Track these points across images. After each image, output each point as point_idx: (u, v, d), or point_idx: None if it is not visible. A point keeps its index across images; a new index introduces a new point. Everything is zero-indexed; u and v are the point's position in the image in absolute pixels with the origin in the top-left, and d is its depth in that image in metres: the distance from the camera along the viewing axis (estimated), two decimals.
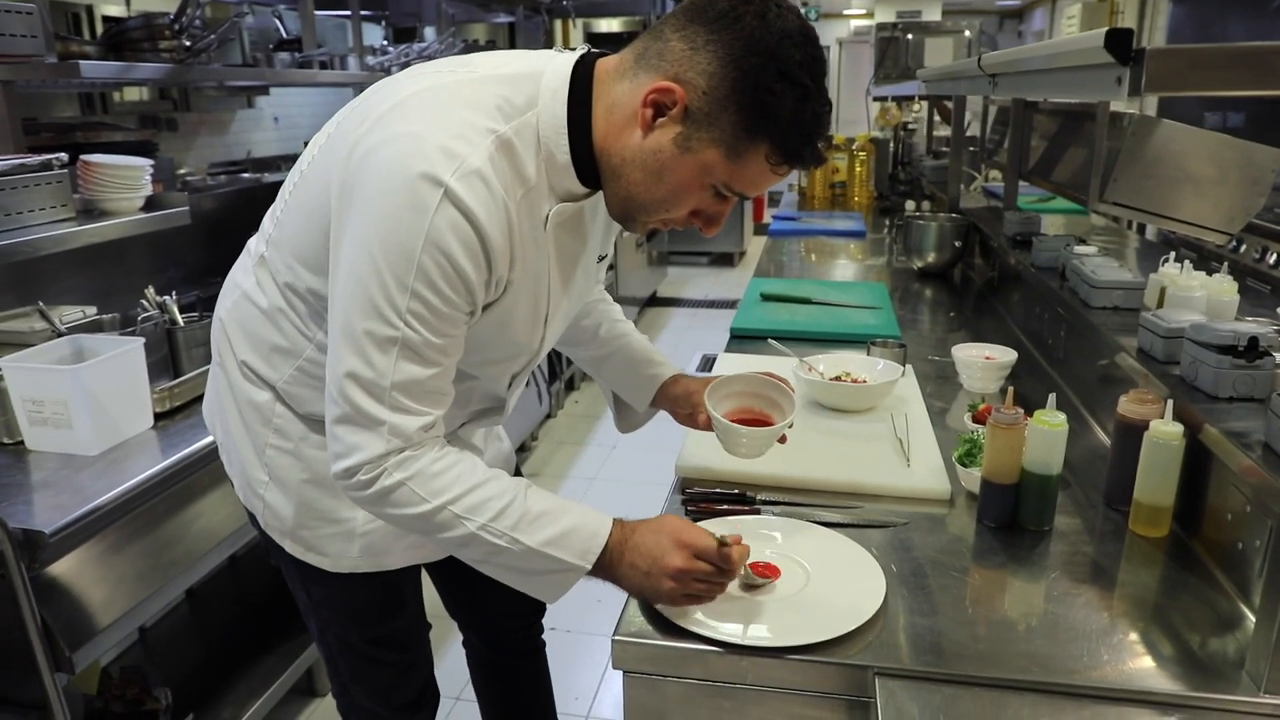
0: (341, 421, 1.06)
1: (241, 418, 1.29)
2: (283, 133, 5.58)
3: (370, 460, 1.05)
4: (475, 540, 1.09)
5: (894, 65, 5.59)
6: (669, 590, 1.11)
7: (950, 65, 2.75)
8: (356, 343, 1.04)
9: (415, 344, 1.04)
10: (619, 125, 1.07)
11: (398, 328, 1.02)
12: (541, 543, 1.09)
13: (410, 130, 1.02)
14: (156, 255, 2.88)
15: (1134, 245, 3.10)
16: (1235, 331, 1.33)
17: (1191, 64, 0.80)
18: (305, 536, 1.30)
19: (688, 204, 1.10)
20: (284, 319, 1.21)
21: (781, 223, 4.23)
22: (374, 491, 1.07)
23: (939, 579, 1.22)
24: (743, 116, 1.01)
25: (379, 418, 1.05)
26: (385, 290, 1.01)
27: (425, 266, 1.00)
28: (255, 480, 1.30)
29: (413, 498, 1.07)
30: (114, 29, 2.57)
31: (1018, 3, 12.61)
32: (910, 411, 1.74)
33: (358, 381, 1.04)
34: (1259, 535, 1.14)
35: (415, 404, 1.06)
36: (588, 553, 1.11)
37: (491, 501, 1.09)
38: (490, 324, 1.14)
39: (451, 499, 1.07)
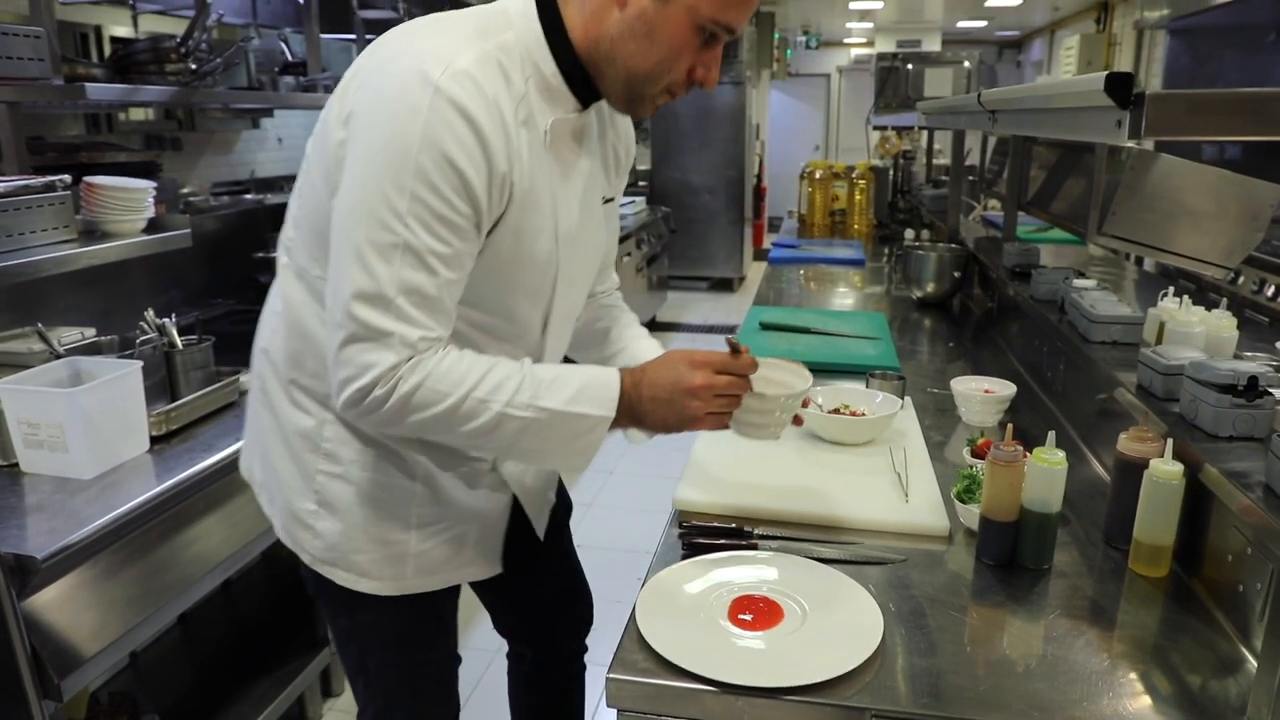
0: (348, 343, 1.06)
1: (288, 449, 1.28)
2: (286, 153, 5.59)
3: (381, 375, 1.05)
4: (503, 421, 1.10)
5: (894, 95, 5.63)
6: (695, 409, 1.16)
7: (950, 100, 2.77)
8: (359, 256, 1.04)
9: (418, 249, 1.04)
10: (596, 13, 1.12)
11: (399, 233, 1.03)
12: (564, 402, 1.13)
13: (396, 52, 1.08)
14: (157, 276, 2.89)
15: (1132, 277, 3.10)
16: (1235, 370, 1.33)
17: (1190, 109, 0.81)
18: (358, 562, 1.28)
19: (684, 60, 1.13)
20: (322, 322, 1.19)
21: (781, 250, 4.24)
22: (393, 403, 1.07)
23: (937, 618, 1.21)
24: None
25: (386, 329, 1.05)
26: (385, 197, 1.03)
27: (422, 166, 1.02)
28: (302, 512, 1.29)
29: (434, 396, 1.08)
30: (121, 51, 2.59)
31: (1017, 33, 12.72)
32: (909, 445, 1.73)
33: (362, 296, 1.05)
34: (1260, 578, 1.13)
35: (421, 315, 1.07)
36: (607, 401, 1.15)
37: (507, 380, 1.11)
38: (505, 243, 1.14)
39: (471, 386, 1.09)
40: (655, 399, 1.17)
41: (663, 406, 1.17)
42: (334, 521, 1.27)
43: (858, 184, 5.09)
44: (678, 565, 1.30)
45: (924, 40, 11.07)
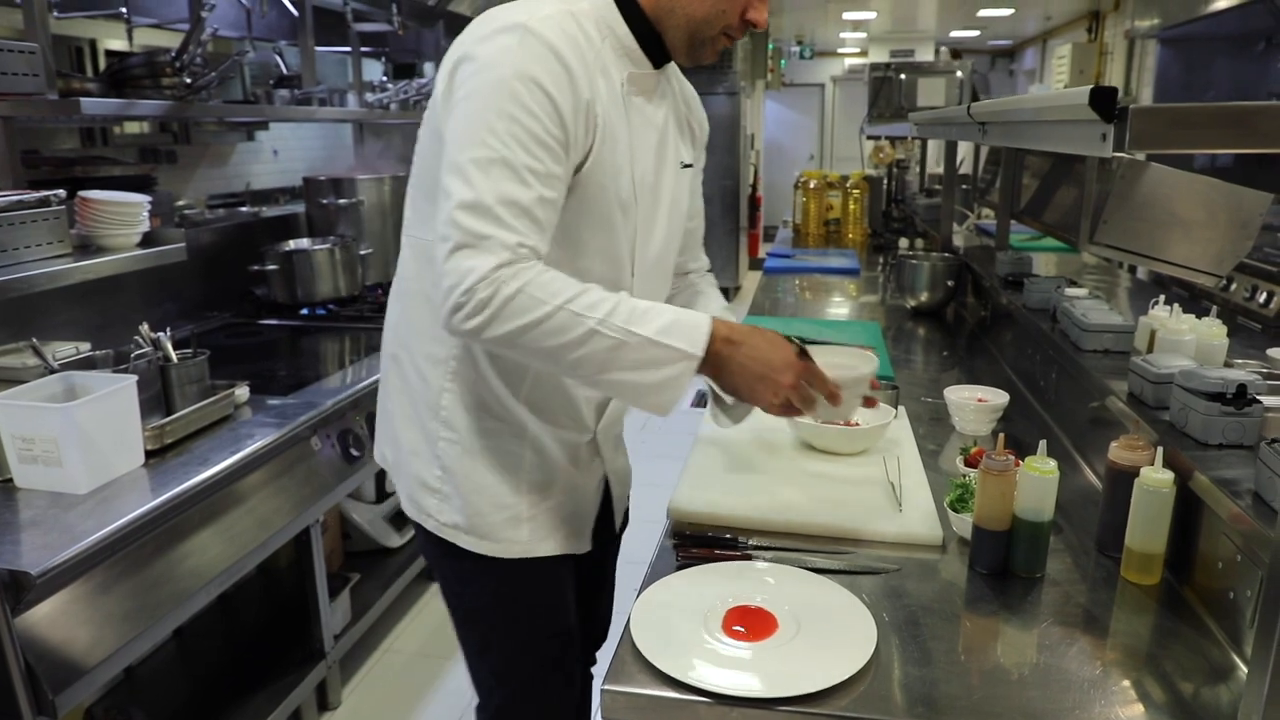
0: (454, 251, 1.12)
1: (415, 419, 1.37)
2: (281, 165, 5.60)
3: (484, 276, 1.10)
4: (594, 337, 1.13)
5: (887, 105, 5.65)
6: (782, 393, 1.21)
7: (941, 111, 2.78)
8: (461, 172, 1.14)
9: (514, 163, 1.13)
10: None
11: (496, 149, 1.13)
12: (656, 331, 1.16)
13: (490, 17, 1.21)
14: (152, 289, 2.89)
15: (1125, 285, 3.12)
16: (1224, 379, 1.34)
17: (1174, 123, 0.82)
18: (480, 525, 1.35)
19: (736, 3, 1.26)
20: (430, 270, 1.25)
21: (776, 260, 4.25)
22: (494, 307, 1.10)
23: (931, 627, 1.22)
24: None
25: (484, 233, 1.12)
26: (485, 121, 1.14)
27: (516, 91, 1.14)
28: (429, 478, 1.37)
29: (532, 303, 1.12)
30: (116, 66, 2.59)
31: (1009, 42, 12.78)
32: (902, 454, 1.74)
33: (463, 205, 1.12)
34: (1250, 585, 1.14)
35: (518, 223, 1.13)
36: (696, 341, 1.17)
37: (603, 300, 1.15)
38: (592, 177, 1.23)
39: (568, 298, 1.13)
40: (750, 361, 1.20)
41: (751, 372, 1.21)
42: (456, 486, 1.35)
43: (852, 193, 5.11)
44: (672, 576, 1.31)
45: (917, 50, 11.12)
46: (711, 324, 1.19)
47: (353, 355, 2.94)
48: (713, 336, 1.19)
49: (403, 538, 3.11)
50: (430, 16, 4.62)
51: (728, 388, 1.24)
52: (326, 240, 3.46)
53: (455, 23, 4.80)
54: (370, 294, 3.54)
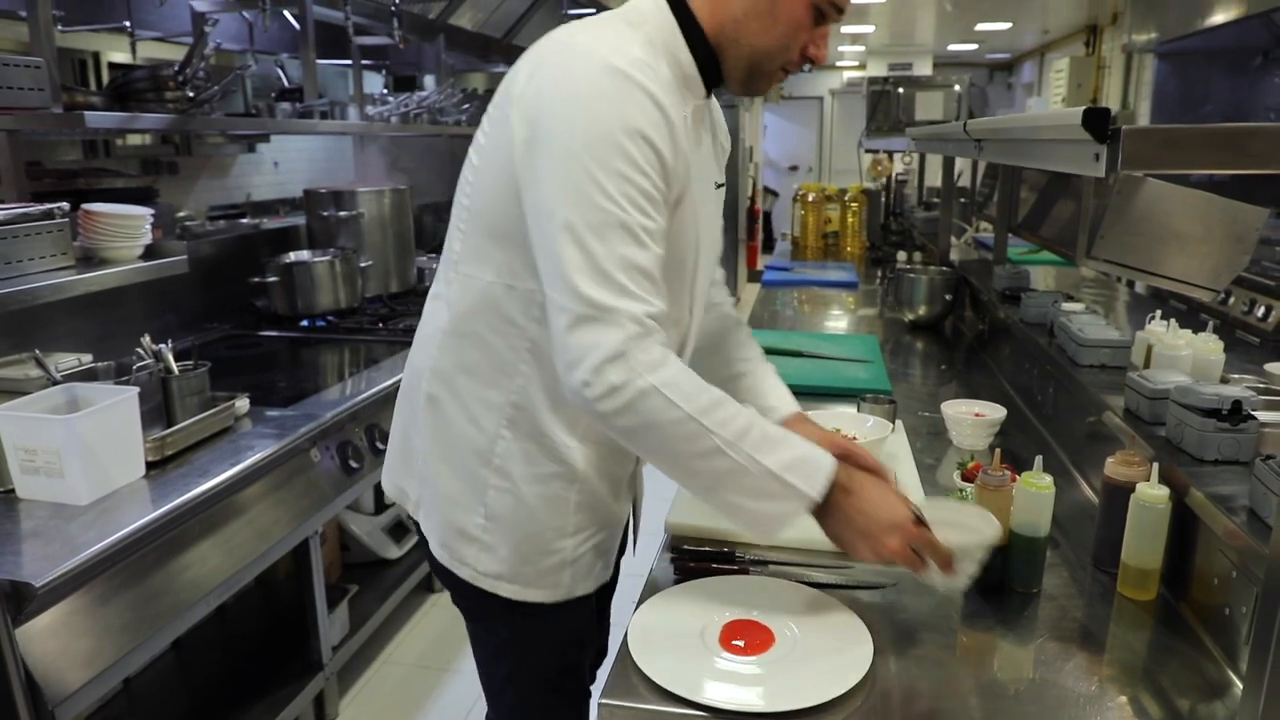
0: (573, 326, 1.08)
1: (458, 466, 1.30)
2: (282, 176, 5.63)
3: (613, 354, 1.06)
4: (717, 455, 1.10)
5: (885, 118, 5.68)
6: (889, 550, 1.16)
7: (938, 127, 2.80)
8: (575, 238, 1.07)
9: (630, 225, 1.08)
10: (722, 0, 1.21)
11: (611, 211, 1.07)
12: (779, 466, 1.13)
13: (570, 50, 1.15)
14: (154, 301, 2.90)
15: (1124, 299, 3.13)
16: (1219, 395, 1.35)
17: (1166, 144, 0.83)
18: (525, 573, 1.30)
19: (800, 37, 1.23)
20: (499, 322, 1.23)
21: (774, 273, 4.27)
22: (626, 397, 1.07)
23: (928, 642, 1.22)
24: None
25: (609, 304, 1.06)
26: (594, 180, 1.07)
27: (625, 148, 1.08)
28: (471, 527, 1.30)
29: (665, 405, 1.08)
30: (120, 79, 2.61)
31: (1007, 56, 12.83)
32: (900, 468, 1.75)
33: (581, 274, 1.07)
34: (1245, 601, 1.14)
35: (639, 289, 1.08)
36: (815, 484, 1.15)
37: (736, 418, 1.12)
38: (679, 221, 1.21)
39: (701, 408, 1.10)
40: (859, 514, 1.18)
41: (857, 526, 1.18)
42: (503, 535, 1.29)
43: (850, 207, 5.13)
44: (669, 590, 1.31)
45: (915, 63, 11.17)
46: (834, 469, 1.17)
47: (352, 367, 2.95)
48: (832, 482, 1.17)
49: (401, 549, 3.11)
50: (431, 30, 4.65)
51: (830, 532, 1.21)
52: (326, 252, 3.47)
53: (456, 36, 4.83)
54: (370, 306, 3.55)
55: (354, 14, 3.72)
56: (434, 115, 4.21)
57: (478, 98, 4.92)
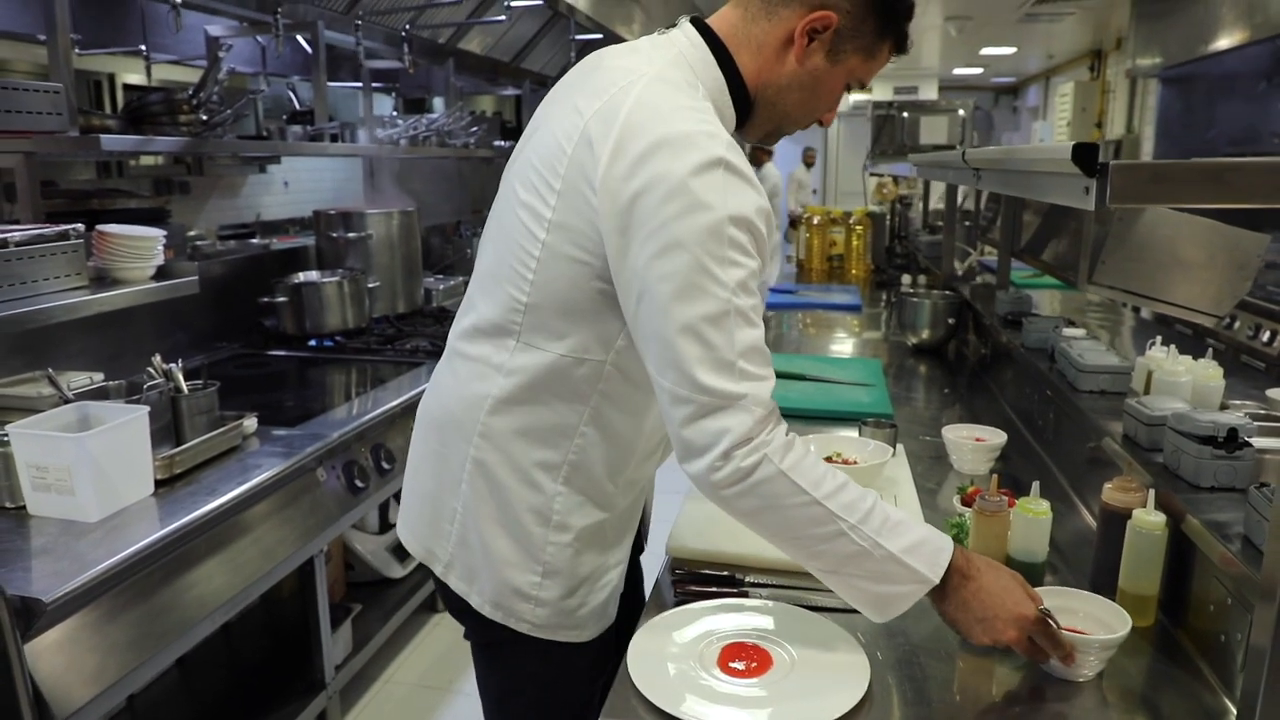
0: (697, 417, 1.09)
1: (512, 526, 1.29)
2: (291, 196, 5.68)
3: (743, 439, 1.07)
4: (840, 539, 1.11)
5: (889, 142, 5.72)
6: (1005, 635, 1.16)
7: (939, 155, 2.83)
8: (694, 333, 1.08)
9: (744, 309, 1.10)
10: (770, 59, 1.25)
11: (726, 299, 1.08)
12: (902, 550, 1.13)
13: (664, 131, 1.11)
14: (165, 320, 2.93)
15: (1129, 323, 3.14)
16: (1214, 422, 1.36)
17: (1153, 178, 0.85)
18: (580, 617, 1.33)
19: (827, 109, 1.32)
20: (565, 391, 1.25)
21: (779, 295, 4.29)
22: (753, 480, 1.08)
23: (926, 666, 1.23)
24: (878, 23, 1.24)
25: (736, 392, 1.08)
26: (708, 272, 1.08)
27: (734, 237, 1.09)
28: (525, 585, 1.30)
29: (792, 489, 1.09)
30: (135, 102, 2.65)
31: (1012, 80, 12.90)
32: (900, 493, 1.76)
33: (704, 366, 1.08)
34: (1241, 628, 1.15)
35: (758, 369, 1.10)
36: (937, 569, 1.15)
37: (860, 502, 1.13)
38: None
39: (826, 493, 1.11)
40: (976, 601, 1.17)
41: (973, 612, 1.17)
42: (558, 586, 1.31)
43: (855, 229, 5.16)
44: (669, 612, 1.33)
45: (921, 87, 11.24)
46: (953, 552, 1.17)
47: (359, 387, 2.98)
48: (951, 566, 1.16)
49: (405, 569, 3.13)
50: (440, 54, 4.71)
51: (947, 616, 1.20)
52: (335, 273, 3.51)
53: (465, 59, 4.89)
54: (377, 326, 3.58)
55: (365, 38, 3.78)
56: (443, 138, 4.26)
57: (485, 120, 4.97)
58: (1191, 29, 5.80)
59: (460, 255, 4.84)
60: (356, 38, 3.72)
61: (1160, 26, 6.38)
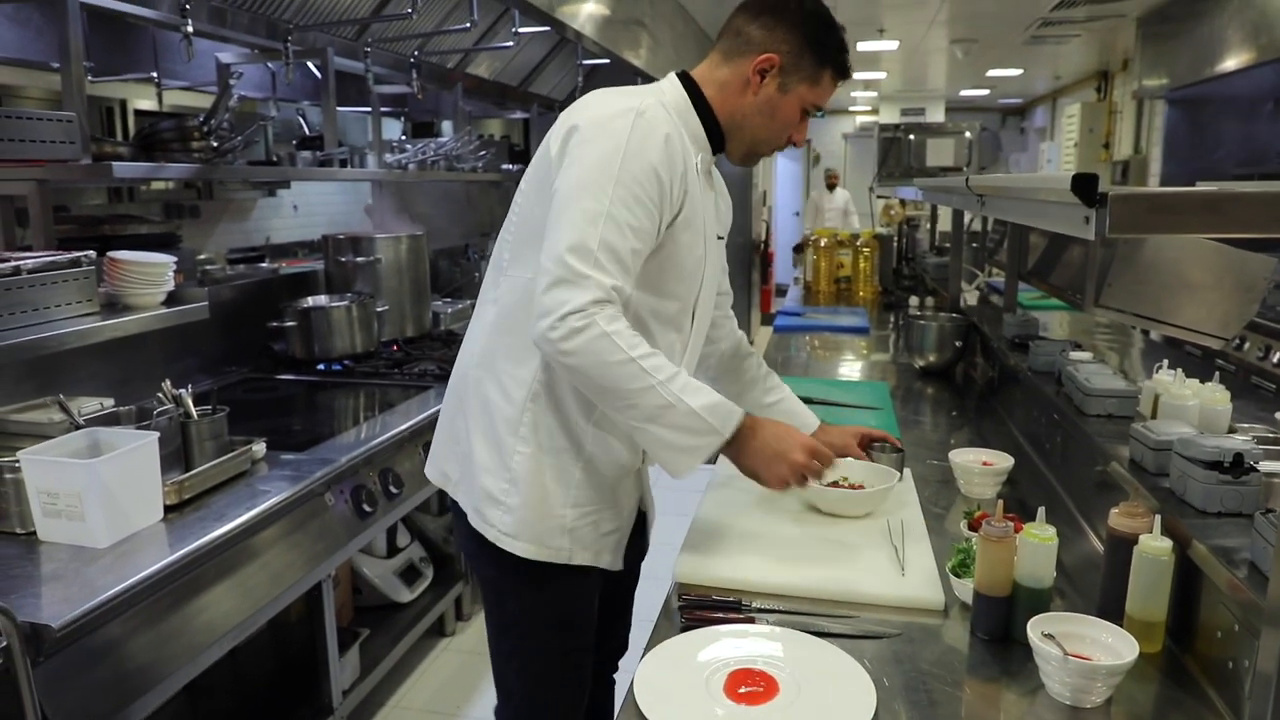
0: (554, 285, 1.35)
1: (491, 436, 1.54)
2: (301, 219, 5.72)
3: (581, 307, 1.33)
4: (650, 393, 1.37)
5: (896, 164, 5.73)
6: (781, 475, 1.50)
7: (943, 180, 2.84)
8: (573, 220, 1.37)
9: (618, 218, 1.37)
10: (733, 95, 1.57)
11: (605, 205, 1.37)
12: (701, 406, 1.40)
13: (606, 95, 1.50)
14: (175, 345, 2.95)
15: (1138, 345, 3.13)
16: (1220, 448, 1.36)
17: (1152, 208, 0.86)
18: (529, 531, 1.52)
19: (790, 130, 1.61)
20: (530, 304, 1.43)
21: (787, 318, 4.29)
22: (583, 339, 1.33)
23: (932, 693, 1.23)
24: (815, 57, 1.55)
25: (585, 273, 1.34)
26: (598, 182, 1.38)
27: (628, 164, 1.39)
28: (496, 490, 1.53)
29: (612, 347, 1.34)
30: (146, 129, 2.69)
31: (1019, 101, 12.93)
32: (907, 517, 1.76)
33: (572, 248, 1.35)
34: (1248, 655, 1.15)
35: (613, 267, 1.36)
36: (729, 423, 1.45)
37: (666, 366, 1.40)
38: (681, 234, 1.49)
39: (642, 354, 1.37)
40: (763, 447, 1.49)
41: (766, 456, 1.50)
42: (520, 496, 1.51)
43: (862, 252, 5.17)
44: (676, 639, 1.33)
45: (928, 109, 11.27)
46: (743, 414, 1.47)
47: (367, 411, 2.99)
48: (741, 423, 1.46)
49: (413, 593, 3.12)
50: (448, 79, 4.75)
51: (743, 465, 1.52)
52: (344, 297, 3.52)
53: (473, 84, 4.93)
54: (385, 351, 3.59)
55: (374, 64, 3.81)
56: (451, 162, 4.29)
57: (494, 144, 5.01)
58: (1198, 50, 5.81)
59: (468, 279, 4.85)
60: (365, 64, 3.76)
61: (1167, 48, 6.39)
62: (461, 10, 3.95)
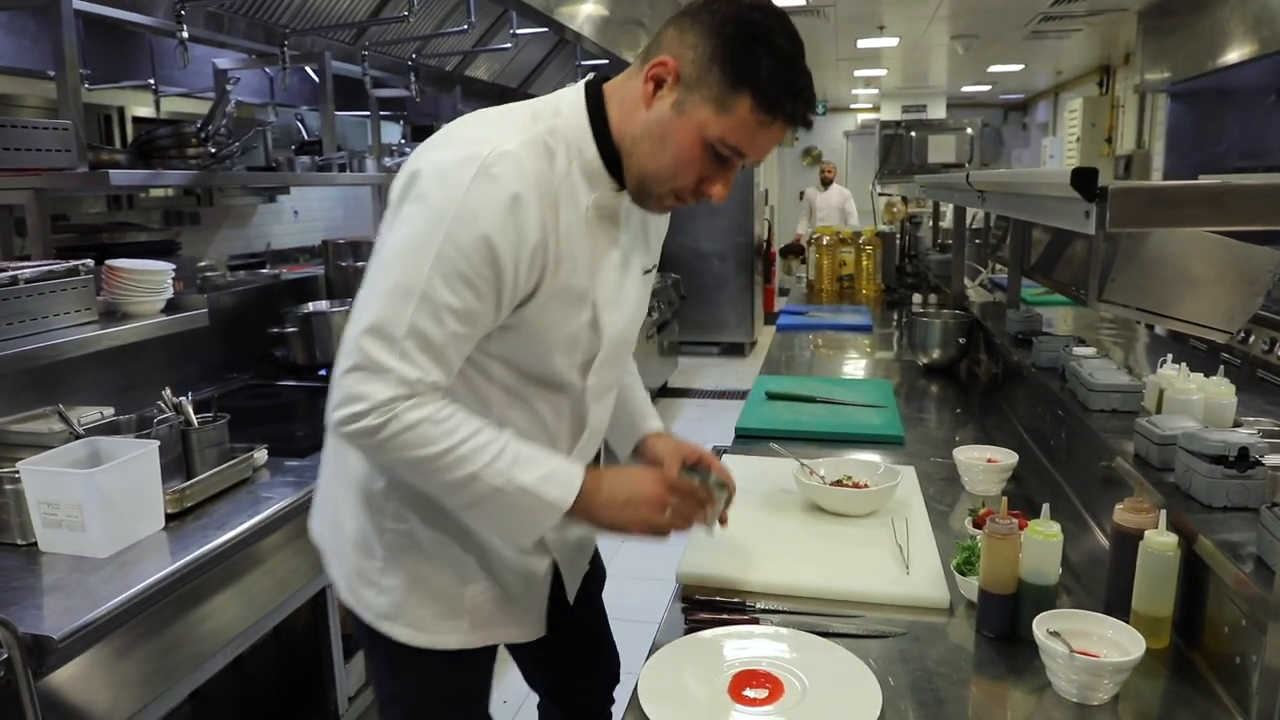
0: (351, 370, 1.15)
1: (360, 508, 1.36)
2: (301, 225, 5.72)
3: (378, 405, 1.13)
4: (474, 482, 1.18)
5: (898, 161, 5.72)
6: (644, 518, 1.27)
7: (944, 176, 2.83)
8: (379, 295, 1.15)
9: (435, 298, 1.14)
10: (630, 110, 1.23)
11: (418, 282, 1.13)
12: (533, 483, 1.21)
13: (456, 136, 1.22)
14: (175, 352, 2.95)
15: (1143, 339, 3.12)
16: (1225, 442, 1.35)
17: (1152, 202, 0.85)
18: (419, 617, 1.35)
19: (692, 168, 1.22)
20: None
21: (789, 316, 4.28)
22: (382, 436, 1.14)
23: (938, 692, 1.22)
24: (725, 73, 1.16)
25: (388, 365, 1.14)
26: (416, 249, 1.14)
27: (454, 232, 1.13)
28: (367, 569, 1.36)
29: (423, 440, 1.15)
30: (143, 136, 2.68)
31: (1021, 96, 12.91)
32: (911, 515, 1.75)
33: (374, 331, 1.14)
34: (1256, 650, 1.14)
35: (423, 359, 1.15)
36: (568, 491, 1.23)
37: (491, 444, 1.20)
38: (543, 311, 1.24)
39: (460, 440, 1.17)
40: (612, 498, 1.27)
41: (617, 508, 1.27)
42: (398, 577, 1.34)
43: (865, 249, 5.15)
44: (680, 640, 1.32)
45: (929, 105, 11.25)
46: (582, 474, 1.26)
47: None
48: (584, 485, 1.25)
49: None
50: (447, 81, 4.74)
51: (596, 525, 1.30)
52: (345, 302, 3.52)
53: (472, 86, 4.93)
54: None
55: (372, 68, 3.81)
56: None
57: None
58: (1200, 43, 5.80)
59: None
60: (363, 67, 3.76)
61: (1168, 41, 6.38)
62: (459, 12, 3.95)
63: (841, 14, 6.70)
